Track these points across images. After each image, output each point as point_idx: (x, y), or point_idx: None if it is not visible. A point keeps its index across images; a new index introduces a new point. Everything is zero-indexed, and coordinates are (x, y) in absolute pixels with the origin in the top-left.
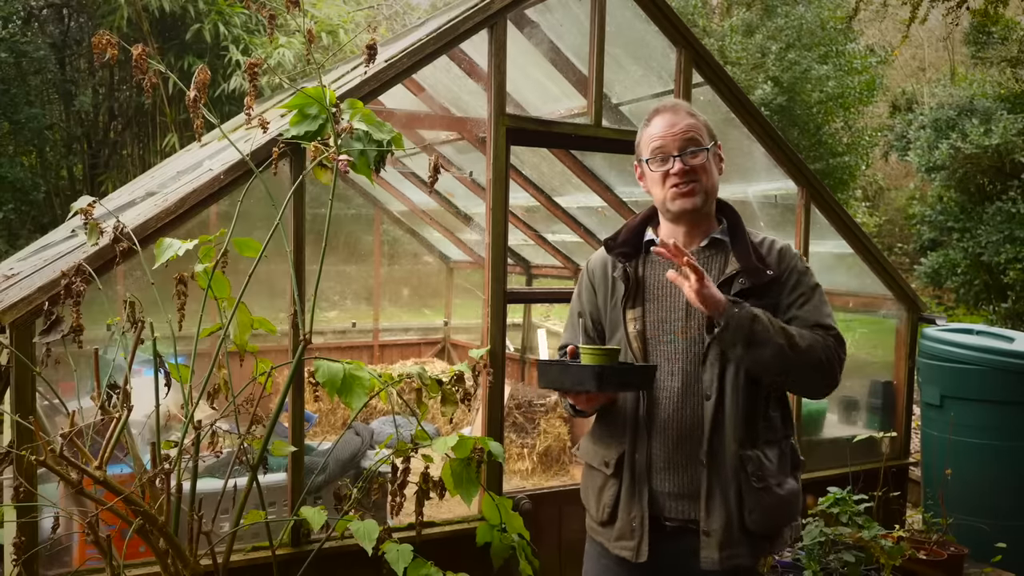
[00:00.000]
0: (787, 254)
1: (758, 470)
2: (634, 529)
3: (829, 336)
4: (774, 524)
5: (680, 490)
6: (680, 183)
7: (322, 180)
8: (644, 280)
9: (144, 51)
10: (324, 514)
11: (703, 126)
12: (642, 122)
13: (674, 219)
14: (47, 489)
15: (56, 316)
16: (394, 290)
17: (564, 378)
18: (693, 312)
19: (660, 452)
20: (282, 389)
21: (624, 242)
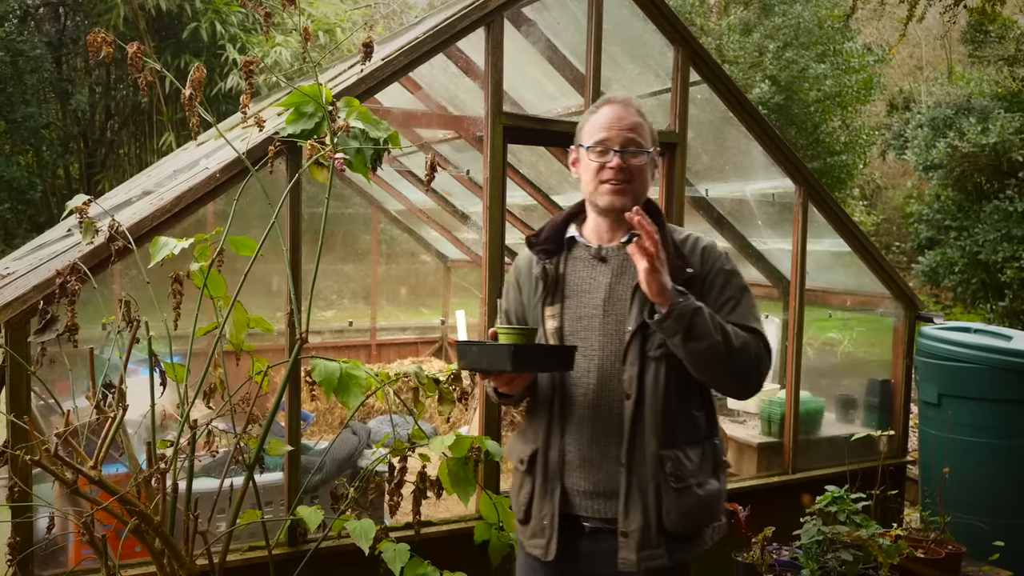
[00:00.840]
0: (712, 253)
1: (677, 470)
2: (544, 527)
3: (760, 342)
4: (693, 525)
5: (596, 488)
6: (614, 179)
7: (318, 178)
8: (564, 277)
9: (140, 49)
10: (321, 514)
11: (648, 128)
12: (589, 108)
13: (600, 213)
14: (42, 489)
15: (51, 315)
16: (391, 289)
17: (481, 358)
18: (611, 309)
19: (574, 450)
20: (279, 388)
21: (546, 239)
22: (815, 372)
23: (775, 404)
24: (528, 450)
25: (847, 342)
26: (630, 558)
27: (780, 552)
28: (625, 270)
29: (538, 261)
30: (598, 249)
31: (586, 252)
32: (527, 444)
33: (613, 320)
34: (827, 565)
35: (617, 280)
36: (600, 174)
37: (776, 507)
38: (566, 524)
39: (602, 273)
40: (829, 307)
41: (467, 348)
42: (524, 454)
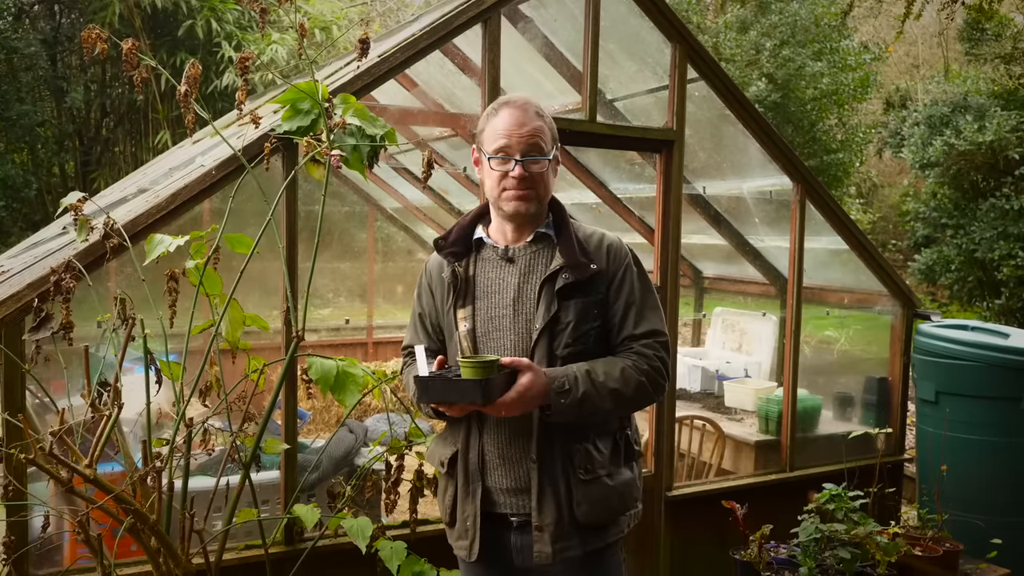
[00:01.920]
0: (618, 251)
1: (586, 462)
2: (468, 528)
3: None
4: (605, 515)
5: (517, 485)
6: (516, 187)
7: (314, 175)
8: (475, 279)
9: (135, 45)
10: (317, 512)
11: (549, 130)
12: (488, 109)
13: (506, 218)
14: (37, 488)
15: (46, 313)
16: (388, 287)
17: (449, 393)
18: (521, 308)
19: (493, 449)
20: (275, 386)
21: (454, 242)
22: (812, 370)
23: (772, 402)
24: (448, 452)
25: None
26: (545, 550)
27: (778, 550)
28: (532, 269)
29: (448, 264)
30: (505, 250)
31: (494, 253)
32: (447, 447)
33: (523, 319)
34: (825, 563)
35: (525, 280)
36: (503, 182)
37: (774, 505)
38: (491, 522)
39: (510, 273)
40: (826, 305)
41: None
42: (444, 456)
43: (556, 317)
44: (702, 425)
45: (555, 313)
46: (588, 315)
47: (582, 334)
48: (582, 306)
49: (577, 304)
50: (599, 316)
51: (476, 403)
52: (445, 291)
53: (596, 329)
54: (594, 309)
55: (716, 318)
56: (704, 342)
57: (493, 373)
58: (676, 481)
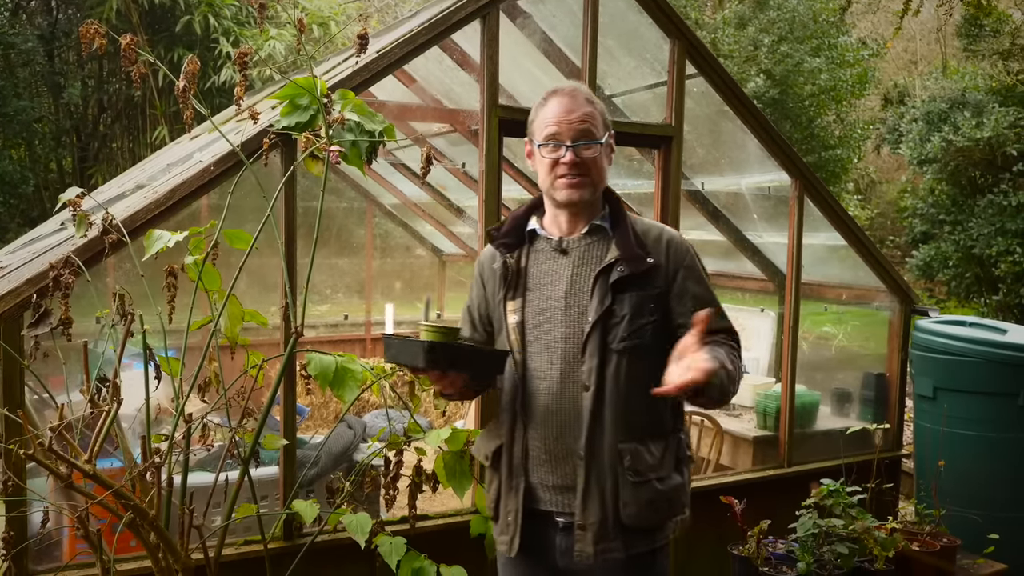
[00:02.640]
0: (678, 247)
1: (636, 464)
2: (509, 523)
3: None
4: (652, 518)
5: (563, 483)
6: (569, 173)
7: (313, 171)
8: (526, 271)
9: (133, 41)
10: (316, 507)
11: (599, 115)
12: (538, 100)
13: (559, 207)
14: (36, 483)
15: (44, 309)
16: (386, 283)
17: (401, 353)
18: (573, 301)
19: (539, 444)
20: (274, 382)
21: (507, 232)
22: (810, 366)
23: (770, 398)
24: (492, 446)
25: (842, 336)
26: (587, 551)
27: (776, 545)
28: (586, 261)
29: (500, 255)
30: (559, 241)
31: (547, 245)
32: (492, 440)
33: (576, 312)
34: (823, 558)
35: (578, 272)
36: (555, 169)
37: (772, 500)
38: (535, 520)
39: (563, 265)
40: (824, 301)
41: (390, 341)
42: (488, 450)
43: (610, 310)
44: (700, 421)
45: (609, 306)
46: (644, 309)
47: (638, 328)
48: (637, 299)
49: (632, 297)
50: (656, 311)
51: (418, 365)
52: (497, 283)
53: (653, 324)
54: (650, 303)
55: None
56: None
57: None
58: None
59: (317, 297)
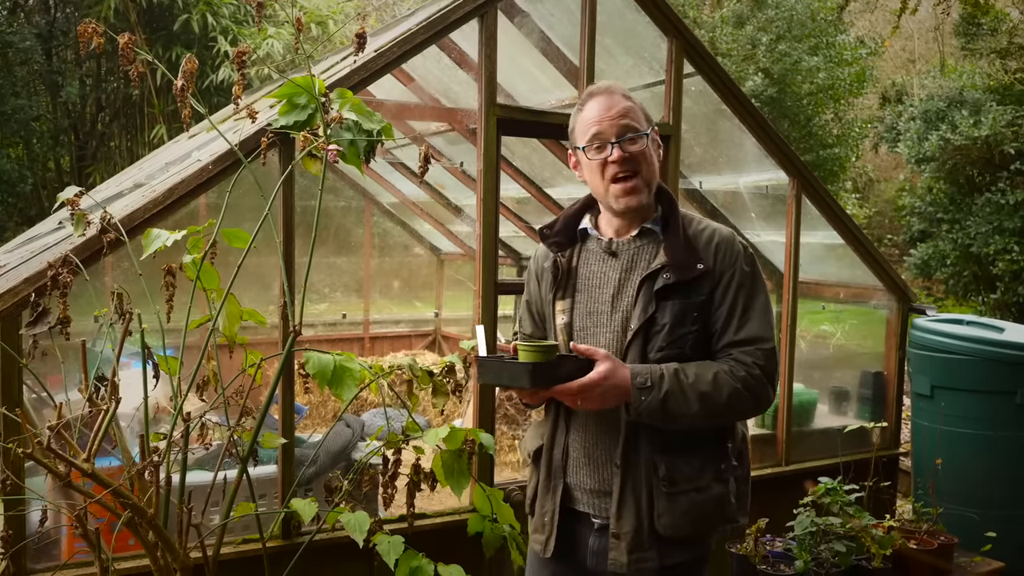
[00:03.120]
0: (728, 248)
1: (671, 474)
2: (545, 523)
3: (759, 356)
4: (688, 529)
5: (600, 487)
6: (620, 172)
7: (311, 170)
8: (576, 271)
9: (131, 39)
10: (315, 506)
11: (640, 109)
12: (575, 107)
13: (617, 215)
14: (35, 482)
15: (43, 308)
16: (385, 282)
17: (502, 375)
18: (618, 306)
19: (579, 447)
20: (272, 381)
21: (559, 231)
22: (808, 364)
23: None
24: (535, 445)
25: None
26: (620, 559)
27: (773, 543)
28: (635, 265)
29: (551, 254)
30: (609, 243)
31: (598, 246)
32: (535, 439)
33: (620, 317)
34: (820, 556)
35: (627, 276)
36: (605, 172)
37: (769, 499)
38: (572, 519)
39: (612, 268)
40: (822, 299)
41: (486, 364)
42: (531, 448)
43: (652, 318)
44: None
45: (652, 314)
46: (686, 318)
47: (678, 338)
48: (680, 308)
49: (675, 306)
50: (699, 320)
51: (524, 387)
52: (548, 281)
53: (694, 333)
54: (693, 312)
55: None
56: None
57: (550, 358)
58: None
59: (315, 296)
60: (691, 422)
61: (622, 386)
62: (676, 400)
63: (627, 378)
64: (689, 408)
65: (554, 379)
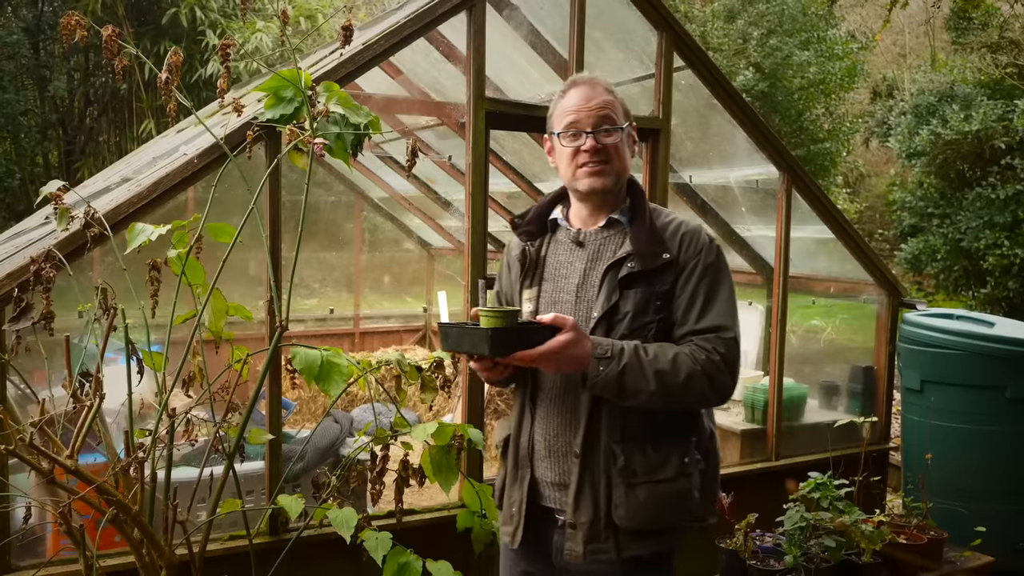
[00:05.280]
0: (693, 240)
1: (629, 465)
2: (513, 514)
3: (719, 343)
4: (648, 522)
5: (560, 480)
6: (590, 162)
7: (298, 164)
8: (544, 260)
9: (115, 32)
10: (302, 502)
11: (619, 104)
12: (557, 94)
13: (581, 198)
14: (18, 479)
15: (26, 303)
16: (374, 277)
17: (462, 341)
18: (583, 295)
19: (542, 439)
20: (259, 376)
21: (530, 221)
22: (798, 359)
23: (758, 391)
24: (502, 435)
25: (830, 329)
26: (576, 550)
27: (763, 538)
28: (600, 255)
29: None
30: (577, 233)
31: (566, 236)
32: (503, 430)
33: (584, 306)
34: (810, 551)
35: (591, 266)
36: (576, 159)
37: (759, 494)
38: (540, 516)
39: (578, 257)
40: (812, 294)
41: (449, 330)
42: (499, 439)
43: (615, 307)
44: None
45: (615, 303)
46: (649, 307)
47: (640, 326)
48: (643, 297)
49: (638, 294)
50: (662, 309)
51: (484, 352)
52: (517, 270)
53: (657, 323)
54: (657, 301)
55: None
56: None
57: (510, 324)
58: None
59: (305, 291)
60: (648, 400)
61: (582, 355)
62: (633, 374)
63: (588, 349)
64: (646, 384)
65: (514, 345)
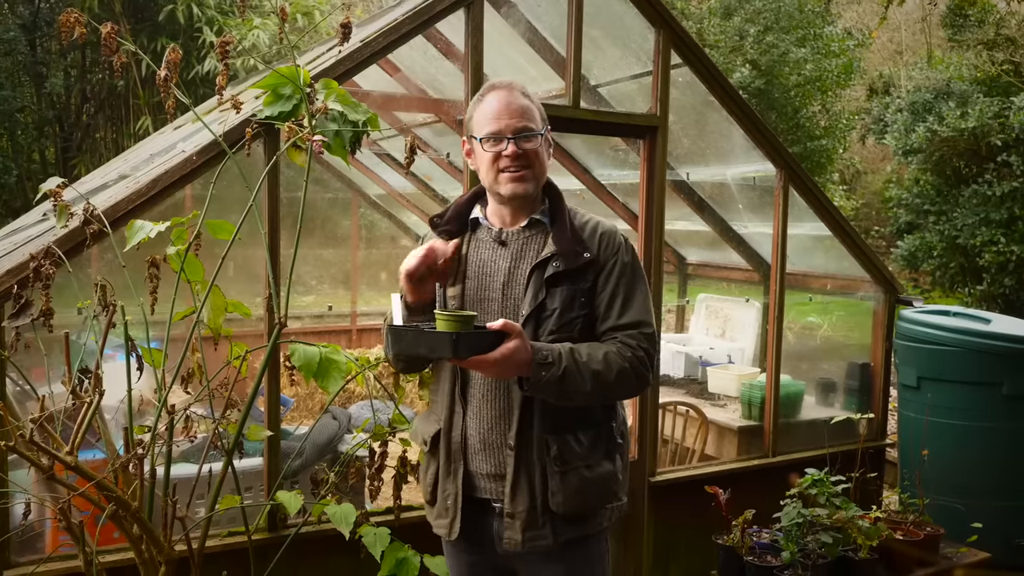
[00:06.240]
0: (610, 241)
1: (563, 453)
2: (448, 507)
3: (642, 339)
4: (581, 507)
5: (496, 471)
6: (511, 167)
7: (296, 161)
8: (466, 259)
9: (114, 29)
10: (301, 499)
11: (536, 109)
12: (475, 98)
13: (503, 201)
14: (18, 475)
15: (25, 300)
16: (372, 274)
17: (419, 344)
18: (509, 293)
19: (475, 433)
20: (257, 373)
21: (449, 220)
22: (795, 356)
23: (755, 388)
24: (431, 430)
25: (827, 326)
26: (515, 538)
27: (760, 535)
28: (524, 255)
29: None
30: (499, 232)
31: (488, 235)
32: (430, 424)
33: (512, 304)
34: (807, 547)
35: (516, 264)
36: (497, 163)
37: (756, 490)
38: (475, 506)
39: (502, 257)
40: (809, 291)
41: (403, 333)
42: (428, 434)
43: (543, 304)
44: (685, 411)
45: (542, 300)
46: (574, 304)
47: (567, 322)
48: (568, 294)
49: (563, 292)
50: (586, 305)
51: (445, 356)
52: None
53: (583, 318)
54: (581, 298)
55: (700, 304)
56: (688, 328)
57: (467, 328)
58: (659, 466)
59: (302, 288)
60: (583, 399)
61: (525, 361)
62: (572, 377)
63: (530, 355)
64: (584, 385)
65: (472, 349)
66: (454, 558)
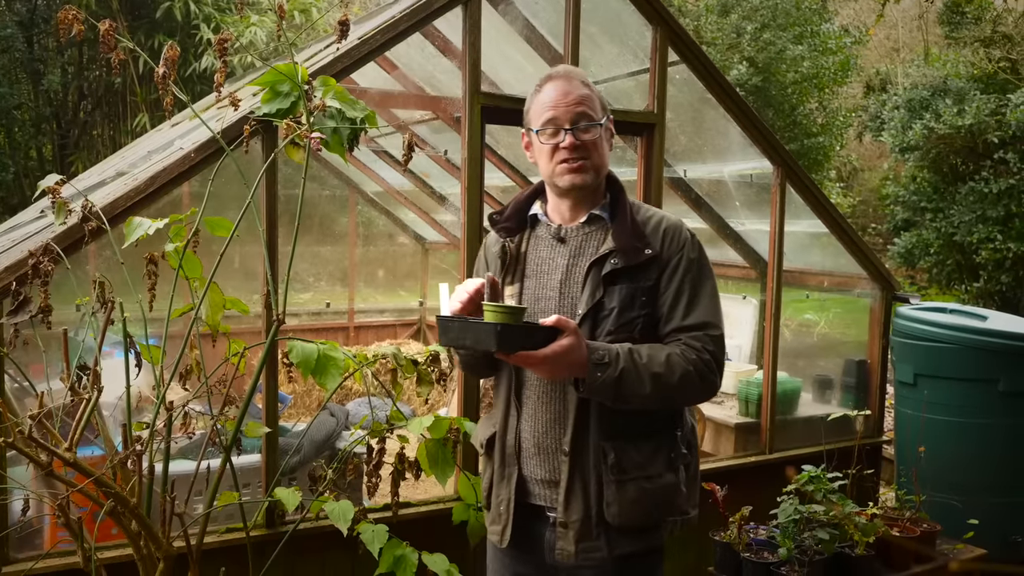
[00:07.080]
0: (676, 236)
1: (620, 462)
2: (501, 513)
3: (708, 341)
4: (638, 518)
5: (549, 477)
6: (570, 158)
7: (294, 158)
8: (525, 257)
9: (112, 26)
10: (299, 495)
11: (597, 98)
12: (533, 88)
13: (561, 194)
14: (16, 471)
15: (24, 296)
16: (369, 271)
17: (465, 336)
18: (567, 292)
19: (529, 436)
20: (255, 370)
21: (508, 217)
22: (792, 353)
23: (752, 385)
24: (487, 433)
25: (824, 323)
26: (568, 549)
27: (757, 531)
28: (582, 251)
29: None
30: (558, 229)
31: (547, 232)
32: (488, 428)
33: (568, 303)
34: (804, 543)
35: (574, 262)
36: (555, 155)
37: (753, 487)
38: (528, 513)
39: (560, 254)
40: (806, 288)
41: (449, 324)
42: (483, 437)
43: (600, 303)
44: None
45: (600, 299)
46: (634, 302)
47: (627, 322)
48: (628, 292)
49: (623, 290)
50: (648, 304)
51: (490, 348)
52: (497, 267)
53: (643, 318)
54: (642, 296)
55: None
56: None
57: (517, 321)
58: None
59: (300, 285)
60: (641, 403)
61: (580, 361)
62: (630, 379)
63: (586, 354)
64: (642, 388)
65: (519, 344)
66: (500, 567)
